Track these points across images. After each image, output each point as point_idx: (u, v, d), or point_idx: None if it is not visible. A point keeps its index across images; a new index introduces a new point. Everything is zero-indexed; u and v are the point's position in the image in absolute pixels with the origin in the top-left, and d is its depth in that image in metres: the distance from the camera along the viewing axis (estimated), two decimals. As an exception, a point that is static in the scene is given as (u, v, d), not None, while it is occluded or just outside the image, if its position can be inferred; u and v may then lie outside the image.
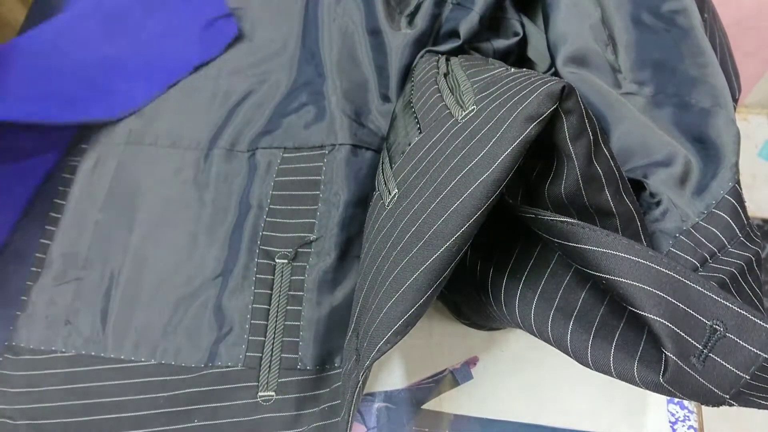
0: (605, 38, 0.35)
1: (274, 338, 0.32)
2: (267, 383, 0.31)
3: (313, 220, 0.35)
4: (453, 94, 0.29)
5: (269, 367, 0.32)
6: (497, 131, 0.23)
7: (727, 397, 0.20)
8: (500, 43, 0.40)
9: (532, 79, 0.24)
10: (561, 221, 0.23)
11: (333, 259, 0.34)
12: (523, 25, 0.41)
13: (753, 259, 0.27)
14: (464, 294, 0.31)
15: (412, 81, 0.36)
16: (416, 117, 0.31)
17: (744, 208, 0.28)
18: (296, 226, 0.35)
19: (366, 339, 0.25)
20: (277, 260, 0.34)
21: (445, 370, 0.35)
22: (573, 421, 0.34)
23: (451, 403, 0.34)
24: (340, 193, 0.35)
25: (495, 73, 0.28)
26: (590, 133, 0.24)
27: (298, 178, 0.36)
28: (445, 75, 0.31)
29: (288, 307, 0.33)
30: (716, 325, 0.20)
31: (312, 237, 0.34)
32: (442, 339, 0.36)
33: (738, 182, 0.28)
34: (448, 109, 0.28)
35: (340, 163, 0.36)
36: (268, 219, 0.35)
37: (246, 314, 0.33)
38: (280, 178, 0.36)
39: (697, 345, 0.20)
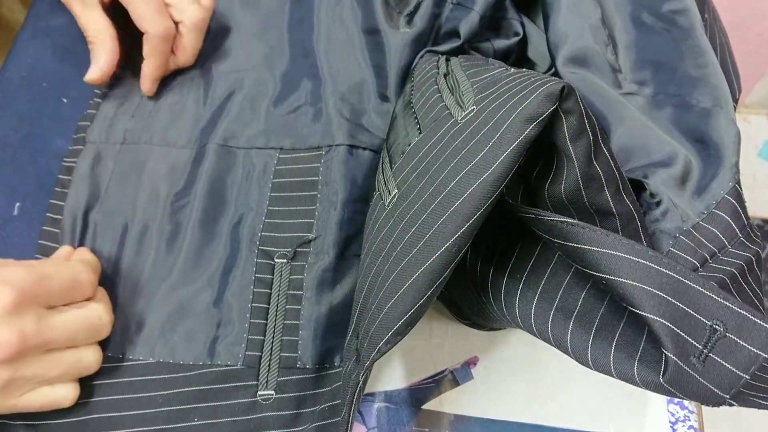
0: (605, 38, 0.35)
1: (273, 337, 0.32)
2: (266, 382, 0.31)
3: (311, 220, 0.35)
4: (453, 94, 0.29)
5: (269, 365, 0.32)
6: (497, 131, 0.23)
7: (727, 397, 0.20)
8: (500, 43, 0.40)
9: (532, 79, 0.24)
10: (561, 221, 0.23)
11: (331, 258, 0.34)
12: (523, 25, 0.41)
13: (753, 259, 0.27)
14: (464, 294, 0.31)
15: (412, 81, 0.36)
16: (416, 117, 0.31)
17: (744, 208, 0.28)
18: (294, 226, 0.35)
19: (366, 339, 0.25)
20: (276, 260, 0.34)
21: (445, 370, 0.35)
22: (573, 421, 0.34)
23: (451, 403, 0.34)
24: (338, 193, 0.35)
25: (495, 74, 0.28)
26: (590, 133, 0.24)
27: (296, 179, 0.36)
28: (445, 75, 0.31)
29: (287, 306, 0.33)
30: (716, 325, 0.20)
31: (310, 236, 0.34)
32: (442, 339, 0.36)
33: (738, 182, 0.28)
34: (448, 109, 0.28)
35: (337, 163, 0.36)
36: (266, 220, 0.35)
37: (245, 313, 0.33)
38: (278, 180, 0.36)
39: (697, 345, 0.20)
